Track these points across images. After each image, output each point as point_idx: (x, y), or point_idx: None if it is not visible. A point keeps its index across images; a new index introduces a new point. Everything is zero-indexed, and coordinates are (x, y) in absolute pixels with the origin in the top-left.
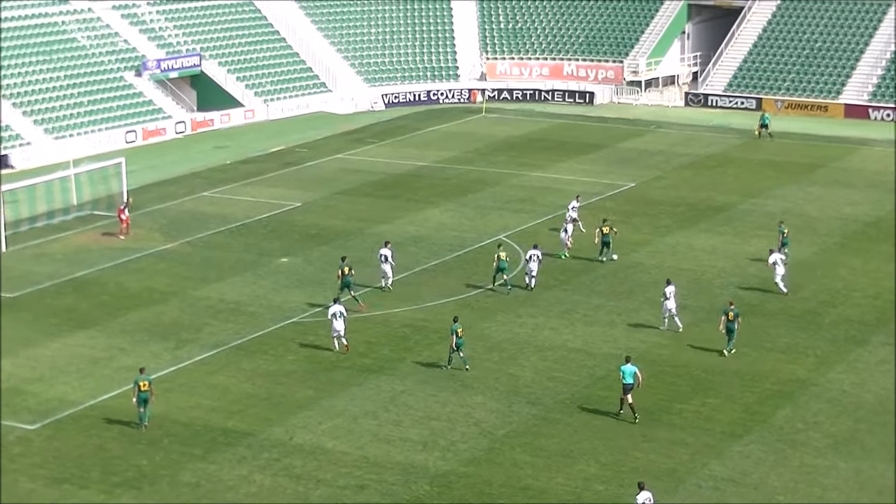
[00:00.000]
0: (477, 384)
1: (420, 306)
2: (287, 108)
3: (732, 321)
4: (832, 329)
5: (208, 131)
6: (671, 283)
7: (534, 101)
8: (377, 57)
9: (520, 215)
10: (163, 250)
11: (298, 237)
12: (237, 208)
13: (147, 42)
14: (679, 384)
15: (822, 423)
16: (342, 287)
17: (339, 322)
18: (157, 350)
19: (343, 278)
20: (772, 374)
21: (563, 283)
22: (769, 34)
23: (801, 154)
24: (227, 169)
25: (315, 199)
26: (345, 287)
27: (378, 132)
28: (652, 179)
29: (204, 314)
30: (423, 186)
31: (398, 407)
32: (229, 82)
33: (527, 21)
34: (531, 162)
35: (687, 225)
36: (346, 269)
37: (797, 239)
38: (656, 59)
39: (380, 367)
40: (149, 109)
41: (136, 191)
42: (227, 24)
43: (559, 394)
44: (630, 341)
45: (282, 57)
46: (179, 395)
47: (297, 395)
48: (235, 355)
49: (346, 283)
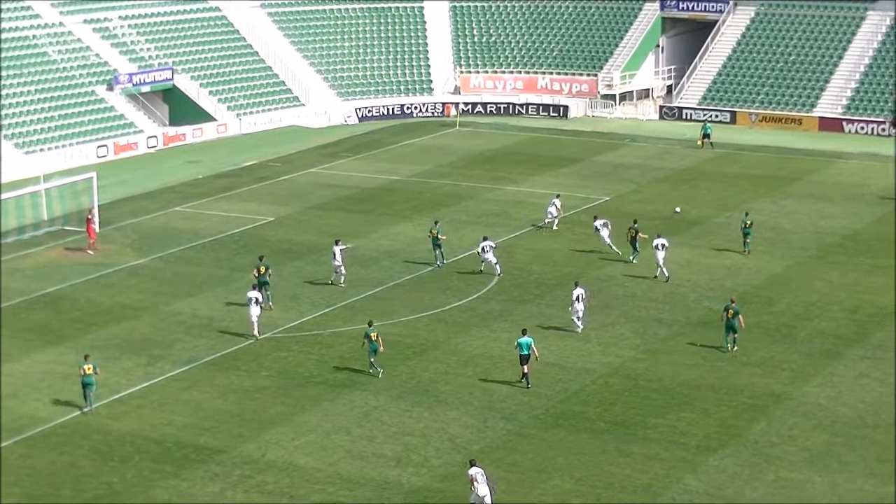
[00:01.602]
0: (451, 399)
1: (394, 321)
2: (260, 122)
3: (732, 318)
4: (807, 342)
5: (180, 146)
6: (579, 286)
7: (508, 114)
8: (350, 71)
9: (494, 229)
10: (134, 265)
11: (271, 252)
12: (209, 223)
13: (119, 56)
14: (654, 398)
15: (798, 438)
16: (258, 286)
17: (256, 308)
18: (128, 366)
19: (258, 277)
20: (747, 388)
21: (537, 297)
22: (743, 47)
23: (776, 167)
24: (199, 184)
25: (288, 214)
26: (261, 286)
27: (351, 146)
28: (627, 193)
29: (176, 330)
30: (396, 201)
31: (372, 423)
32: (202, 96)
33: (501, 35)
34: (505, 176)
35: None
36: (262, 269)
37: (771, 252)
38: (630, 72)
39: (353, 382)
40: (120, 124)
41: (107, 206)
42: (199, 38)
43: (534, 409)
44: (605, 355)
45: (255, 71)
46: (151, 412)
47: (270, 411)
48: (208, 371)
49: (261, 282)
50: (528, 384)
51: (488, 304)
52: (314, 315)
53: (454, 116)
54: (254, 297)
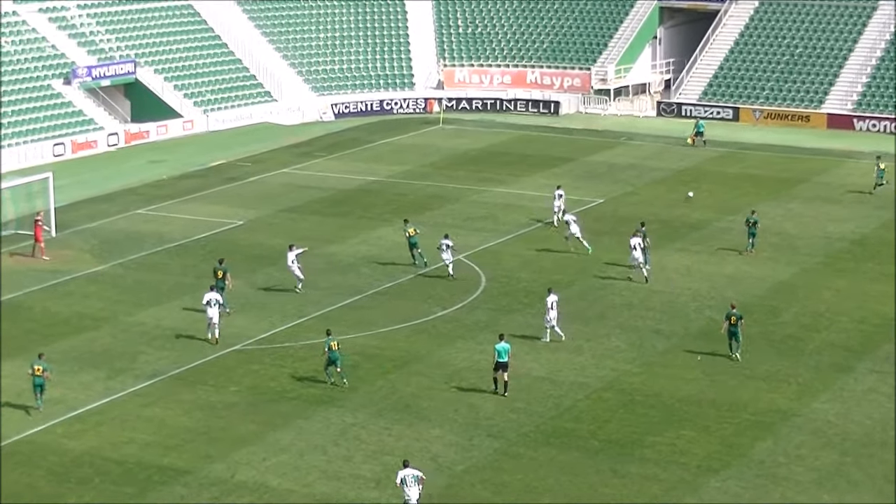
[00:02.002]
0: (434, 416)
1: (373, 332)
2: (229, 118)
3: (735, 325)
4: (815, 355)
5: (143, 144)
6: (553, 293)
7: (495, 111)
8: (326, 64)
9: (481, 234)
10: (94, 272)
11: (241, 258)
12: (174, 227)
13: (77, 48)
14: (651, 415)
15: (806, 457)
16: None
17: (214, 310)
18: (87, 380)
19: (217, 281)
20: (751, 404)
21: (526, 306)
22: (746, 39)
23: (782, 168)
24: (163, 185)
25: (259, 217)
26: (218, 290)
27: (327, 145)
28: (622, 195)
29: (138, 341)
30: (375, 203)
31: (349, 441)
32: (166, 91)
33: (487, 25)
34: (492, 177)
35: (659, 244)
36: (221, 273)
37: (776, 259)
38: (626, 66)
39: (329, 398)
40: (79, 120)
41: (65, 208)
42: (163, 29)
43: (523, 426)
44: (599, 369)
45: (223, 64)
46: (111, 430)
47: (240, 428)
48: (173, 386)
49: (218, 287)
50: (506, 392)
51: (474, 314)
52: (287, 326)
53: (437, 113)
54: (211, 298)
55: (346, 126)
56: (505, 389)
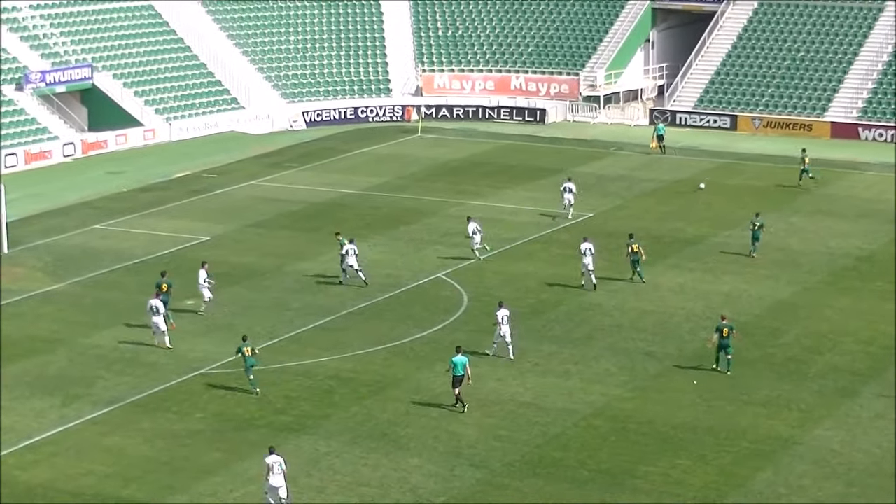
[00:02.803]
0: (413, 444)
1: (347, 355)
2: (193, 127)
3: (727, 337)
4: (819, 379)
5: (101, 154)
6: (504, 307)
7: (476, 119)
8: (297, 69)
9: (460, 249)
10: (48, 292)
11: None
12: (135, 243)
13: (30, 51)
14: (644, 443)
15: (808, 488)
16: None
17: (159, 318)
18: (41, 407)
19: (160, 296)
20: (750, 431)
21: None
22: (745, 42)
23: (783, 179)
24: (123, 198)
25: (225, 233)
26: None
27: (298, 155)
28: (612, 209)
29: (96, 365)
30: (349, 217)
31: (322, 471)
32: (126, 98)
33: (468, 28)
34: (473, 189)
35: (652, 260)
36: (165, 287)
37: (776, 276)
38: (616, 71)
39: (300, 425)
40: (32, 129)
41: (16, 223)
42: (122, 31)
43: (507, 455)
44: (588, 394)
45: (187, 69)
46: (67, 460)
47: (205, 458)
48: (133, 413)
49: (163, 301)
50: (464, 407)
51: (454, 335)
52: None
53: (415, 121)
54: (154, 305)
55: (318, 135)
56: (459, 403)
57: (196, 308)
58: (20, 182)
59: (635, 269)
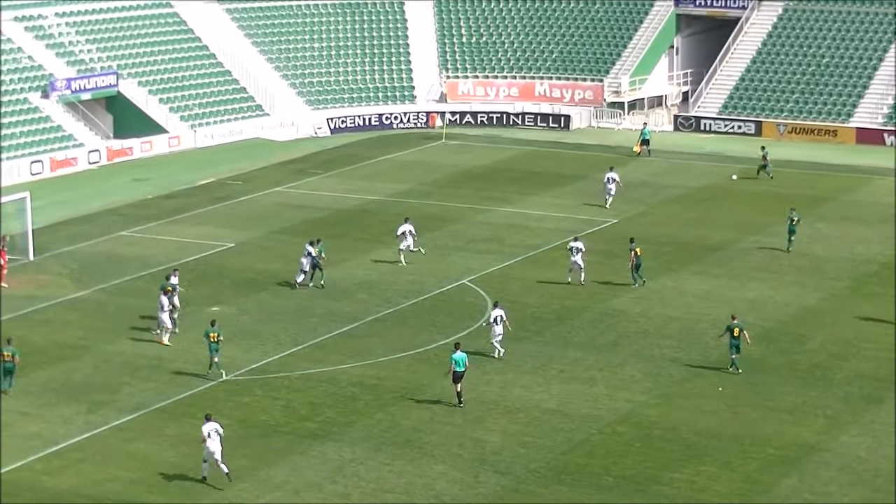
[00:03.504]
0: (438, 451)
1: (371, 362)
2: (217, 134)
3: (737, 337)
4: (844, 386)
5: (126, 161)
6: (498, 307)
7: (501, 125)
8: (321, 76)
9: (485, 256)
10: (73, 299)
11: (231, 283)
12: (159, 250)
13: (55, 59)
14: (669, 450)
15: (834, 494)
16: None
17: (165, 315)
18: (67, 414)
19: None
20: (775, 438)
21: (535, 333)
22: (769, 48)
23: (807, 185)
24: (148, 205)
25: (250, 240)
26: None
27: (322, 162)
28: (636, 215)
29: (121, 372)
30: (373, 224)
31: (346, 478)
32: (151, 105)
33: (493, 34)
34: (498, 195)
35: (676, 267)
36: (169, 290)
37: (802, 283)
38: (641, 77)
39: (325, 431)
40: (58, 136)
41: (43, 230)
42: (147, 39)
43: (532, 462)
44: (613, 401)
45: (211, 76)
46: (92, 466)
47: (230, 464)
48: (158, 419)
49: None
50: (462, 402)
51: (479, 342)
52: (280, 355)
53: (440, 128)
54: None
55: (342, 142)
56: (459, 400)
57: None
58: (46, 189)
59: (635, 273)
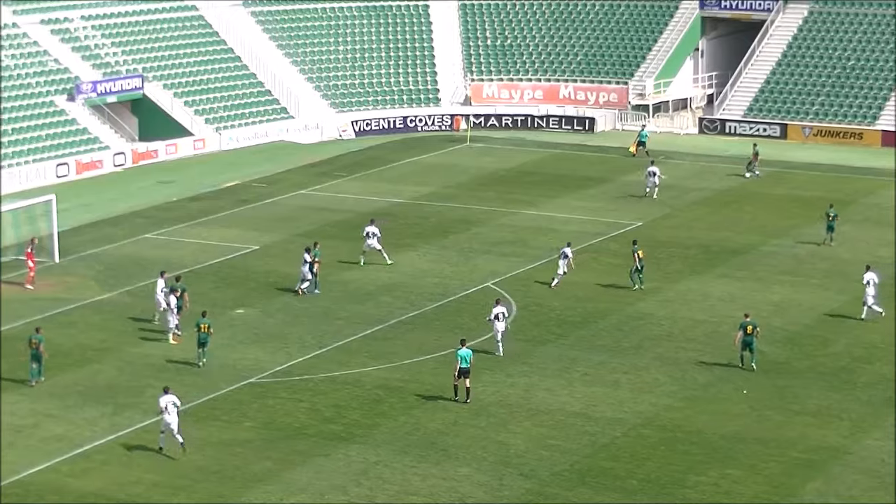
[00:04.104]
0: (462, 454)
1: (395, 364)
2: (242, 137)
3: (751, 335)
4: (868, 389)
5: (152, 164)
6: (500, 304)
7: (525, 128)
8: (346, 78)
9: (510, 259)
10: (98, 301)
11: (256, 285)
12: (184, 252)
13: (81, 61)
14: (694, 453)
15: (859, 497)
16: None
17: (173, 317)
18: (91, 416)
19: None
20: (800, 441)
21: (559, 336)
22: (795, 51)
23: (832, 188)
24: (172, 207)
25: (274, 242)
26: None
27: (347, 164)
28: (660, 218)
29: (145, 374)
30: (398, 227)
31: (371, 480)
32: (176, 107)
33: (517, 37)
34: (522, 198)
35: (701, 270)
36: (179, 292)
37: (826, 286)
38: (666, 79)
39: (350, 434)
40: (83, 139)
41: (68, 233)
42: (173, 42)
43: (556, 465)
44: (637, 404)
45: (236, 78)
46: (117, 469)
47: (255, 467)
48: (182, 422)
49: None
50: (468, 399)
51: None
52: (304, 357)
53: (464, 130)
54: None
55: (366, 144)
56: (467, 396)
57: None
58: (71, 192)
59: (635, 276)
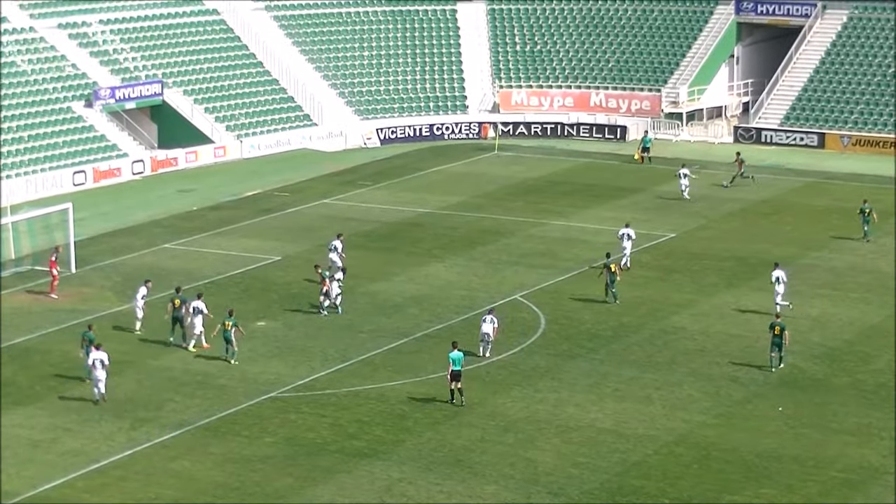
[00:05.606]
0: (489, 471)
1: (421, 379)
2: (264, 144)
3: (779, 335)
4: None
5: (171, 172)
6: (492, 314)
7: (555, 136)
8: (371, 85)
9: (538, 272)
10: (116, 312)
11: (277, 297)
12: (205, 263)
13: (99, 67)
14: (729, 472)
15: None
16: (173, 322)
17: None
18: (109, 430)
19: (174, 312)
20: (838, 460)
21: (590, 351)
22: (833, 57)
23: (872, 199)
24: (193, 216)
25: (297, 253)
26: (175, 322)
27: (372, 173)
28: (695, 229)
29: (165, 388)
30: (424, 237)
31: (395, 498)
32: (196, 114)
33: (547, 43)
34: (552, 208)
35: (736, 283)
36: (178, 303)
37: (867, 300)
38: (700, 87)
39: (373, 450)
40: (101, 146)
41: (85, 242)
42: (193, 46)
43: (586, 483)
44: (670, 420)
45: (258, 85)
46: (136, 485)
47: (276, 483)
48: (202, 437)
49: (174, 317)
50: (463, 401)
51: (532, 359)
52: (327, 371)
53: (492, 139)
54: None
55: (392, 153)
56: (458, 398)
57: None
58: (89, 200)
59: (609, 289)
